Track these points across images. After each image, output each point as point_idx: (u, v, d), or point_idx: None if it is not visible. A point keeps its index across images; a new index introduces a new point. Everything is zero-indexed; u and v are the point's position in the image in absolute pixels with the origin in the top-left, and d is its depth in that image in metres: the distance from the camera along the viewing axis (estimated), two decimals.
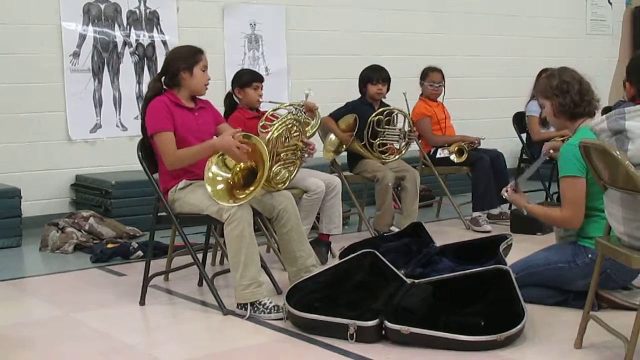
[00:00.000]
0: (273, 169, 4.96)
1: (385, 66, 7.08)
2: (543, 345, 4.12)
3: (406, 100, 6.94)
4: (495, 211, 7.46)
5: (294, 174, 5.18)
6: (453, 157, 7.40)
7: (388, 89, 6.97)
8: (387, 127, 6.88)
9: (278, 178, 5.06)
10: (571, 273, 4.58)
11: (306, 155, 5.19)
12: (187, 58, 5.02)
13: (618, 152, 3.54)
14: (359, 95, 7.04)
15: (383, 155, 6.88)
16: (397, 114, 6.99)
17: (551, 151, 5.09)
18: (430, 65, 7.76)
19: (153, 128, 4.88)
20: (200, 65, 5.02)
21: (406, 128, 7.01)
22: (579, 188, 4.40)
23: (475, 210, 7.30)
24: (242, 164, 4.78)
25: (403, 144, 6.97)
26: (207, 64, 5.08)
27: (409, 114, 7.06)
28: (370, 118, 6.78)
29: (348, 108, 6.90)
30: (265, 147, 4.69)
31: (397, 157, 6.94)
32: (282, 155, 5.04)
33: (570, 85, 4.55)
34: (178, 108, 4.95)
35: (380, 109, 6.87)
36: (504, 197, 4.86)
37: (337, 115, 6.88)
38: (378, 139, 6.85)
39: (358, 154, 6.87)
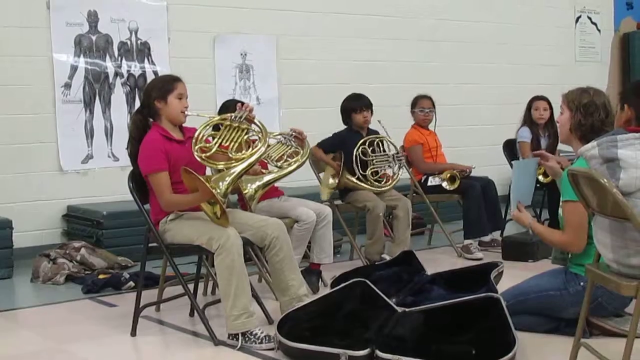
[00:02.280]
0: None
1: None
2: None
3: (383, 127, 6.95)
4: (486, 238, 7.46)
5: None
6: (445, 184, 7.41)
7: (371, 115, 6.98)
8: (373, 155, 6.88)
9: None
10: (563, 301, 4.58)
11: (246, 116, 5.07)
12: (161, 87, 5.01)
13: (605, 180, 3.55)
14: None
15: (380, 184, 6.87)
16: (379, 141, 6.99)
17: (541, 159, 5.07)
18: (422, 93, 7.80)
19: (148, 168, 4.89)
20: (175, 94, 4.99)
21: (392, 151, 7.00)
22: (581, 212, 4.38)
23: (466, 237, 7.31)
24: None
25: (395, 167, 6.96)
26: (184, 91, 5.04)
27: (388, 137, 7.03)
28: (354, 153, 6.77)
29: (336, 139, 6.92)
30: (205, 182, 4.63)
31: (393, 183, 6.91)
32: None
33: (598, 110, 4.53)
34: (170, 143, 4.95)
35: (361, 140, 6.85)
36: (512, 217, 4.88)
37: (325, 145, 6.90)
38: (369, 169, 6.85)
39: (354, 187, 6.86)
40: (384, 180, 6.94)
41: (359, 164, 6.80)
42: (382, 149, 7.02)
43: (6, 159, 7.51)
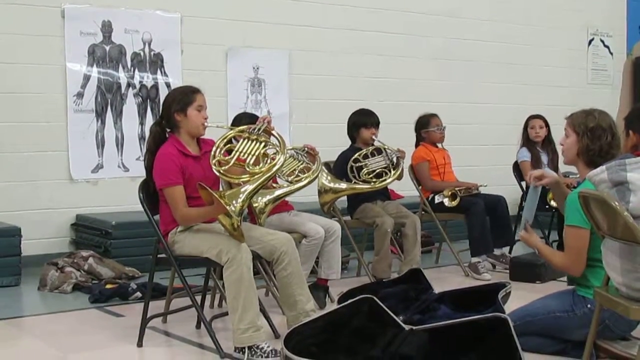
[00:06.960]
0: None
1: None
2: None
3: (379, 140, 6.86)
4: (496, 252, 7.44)
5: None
6: (446, 201, 7.38)
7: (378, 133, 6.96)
8: (365, 160, 6.78)
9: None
10: (570, 322, 4.56)
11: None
12: (180, 100, 5.00)
13: (617, 203, 3.55)
14: None
15: (379, 179, 6.72)
16: (374, 150, 6.85)
17: (537, 181, 5.00)
18: (427, 112, 7.75)
19: (162, 182, 4.88)
20: (194, 106, 5.00)
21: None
22: (582, 238, 4.38)
23: (473, 255, 7.28)
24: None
25: (394, 158, 6.79)
26: (203, 103, 5.05)
27: (384, 144, 6.85)
28: (349, 164, 6.71)
29: (343, 162, 6.80)
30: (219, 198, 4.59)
31: (393, 175, 6.75)
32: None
33: (605, 133, 4.50)
34: (185, 158, 4.95)
35: (355, 155, 6.75)
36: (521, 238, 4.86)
37: (339, 173, 6.82)
38: (363, 170, 6.73)
39: (359, 195, 6.82)
40: (384, 176, 6.76)
41: (355, 172, 6.73)
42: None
43: (17, 166, 7.54)
